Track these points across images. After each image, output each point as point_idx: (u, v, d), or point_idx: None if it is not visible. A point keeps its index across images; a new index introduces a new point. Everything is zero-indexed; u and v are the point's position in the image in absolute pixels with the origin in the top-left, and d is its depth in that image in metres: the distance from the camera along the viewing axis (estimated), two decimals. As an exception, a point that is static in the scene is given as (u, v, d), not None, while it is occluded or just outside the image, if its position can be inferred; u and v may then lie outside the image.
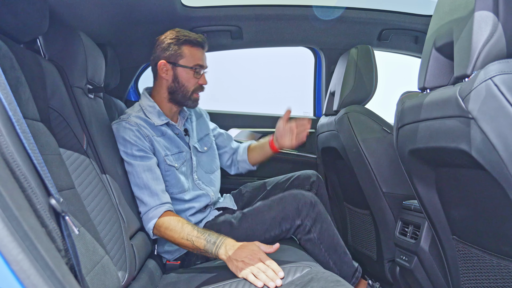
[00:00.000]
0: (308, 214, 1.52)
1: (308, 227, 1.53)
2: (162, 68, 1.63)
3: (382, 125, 1.74)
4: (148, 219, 1.47)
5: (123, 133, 1.53)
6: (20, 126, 0.58)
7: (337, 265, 1.56)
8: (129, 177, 1.53)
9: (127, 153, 1.53)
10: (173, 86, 1.64)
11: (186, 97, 1.66)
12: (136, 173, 1.51)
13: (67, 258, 0.62)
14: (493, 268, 1.06)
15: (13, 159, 0.55)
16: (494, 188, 0.90)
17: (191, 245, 1.38)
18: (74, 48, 1.33)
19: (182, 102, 1.67)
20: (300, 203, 1.53)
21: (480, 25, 0.89)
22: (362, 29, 2.25)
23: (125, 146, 1.52)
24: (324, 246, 1.55)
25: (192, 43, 1.63)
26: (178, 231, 1.41)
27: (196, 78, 1.65)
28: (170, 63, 1.63)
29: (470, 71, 0.90)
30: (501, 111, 0.81)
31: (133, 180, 1.51)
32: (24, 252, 0.48)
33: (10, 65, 0.91)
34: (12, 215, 0.49)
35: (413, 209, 1.53)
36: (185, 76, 1.64)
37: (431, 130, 1.03)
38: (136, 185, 1.51)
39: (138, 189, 1.51)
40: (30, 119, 0.97)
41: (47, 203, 0.60)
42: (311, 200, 1.55)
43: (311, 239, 1.55)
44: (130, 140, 1.52)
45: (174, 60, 1.62)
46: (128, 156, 1.52)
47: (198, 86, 1.67)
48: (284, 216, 1.53)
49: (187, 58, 1.63)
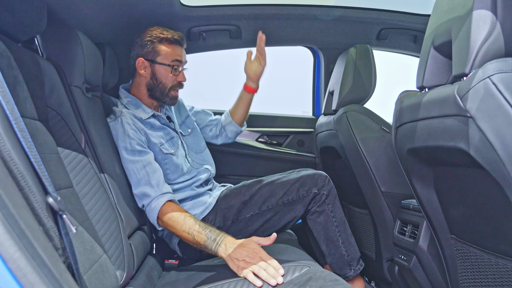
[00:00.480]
0: (324, 185, 1.63)
1: (324, 196, 1.62)
2: (141, 66, 1.66)
3: (380, 124, 1.74)
4: (151, 209, 1.48)
5: (122, 128, 1.54)
6: (17, 125, 0.57)
7: (345, 246, 1.63)
8: (129, 173, 1.52)
9: (127, 149, 1.53)
10: (151, 83, 1.68)
11: (164, 94, 1.68)
12: (137, 169, 1.51)
13: (65, 256, 0.62)
14: (492, 267, 1.06)
15: (10, 157, 0.55)
16: (492, 187, 0.90)
17: (192, 239, 1.39)
18: (72, 47, 1.33)
19: (161, 99, 1.70)
20: (316, 175, 1.64)
21: (478, 24, 0.89)
22: (361, 29, 2.25)
23: (125, 141, 1.53)
24: (336, 220, 1.64)
25: (170, 41, 1.66)
26: (180, 223, 1.41)
27: (174, 75, 1.68)
28: (148, 60, 1.66)
29: (468, 70, 0.90)
30: (499, 109, 0.81)
31: (134, 176, 1.51)
32: (21, 250, 0.48)
33: (7, 63, 0.91)
34: (9, 213, 0.49)
35: (412, 208, 1.53)
36: (162, 73, 1.66)
37: (430, 129, 1.03)
38: (137, 180, 1.51)
39: (139, 184, 1.51)
40: (28, 118, 0.97)
41: (45, 201, 0.60)
42: (326, 175, 1.67)
43: (325, 211, 1.63)
44: (130, 134, 1.54)
45: (151, 58, 1.66)
46: (128, 152, 1.53)
47: (177, 83, 1.69)
48: (303, 183, 1.62)
49: (164, 55, 1.66)
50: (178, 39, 1.68)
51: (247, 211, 1.64)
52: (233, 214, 1.64)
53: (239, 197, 1.65)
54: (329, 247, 1.61)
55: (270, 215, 1.64)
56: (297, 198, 1.62)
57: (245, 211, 1.64)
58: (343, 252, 1.61)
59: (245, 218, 1.64)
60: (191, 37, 2.14)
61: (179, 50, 1.68)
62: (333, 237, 1.62)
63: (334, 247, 1.61)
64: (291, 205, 1.62)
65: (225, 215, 1.65)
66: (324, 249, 1.62)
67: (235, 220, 1.65)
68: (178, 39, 1.67)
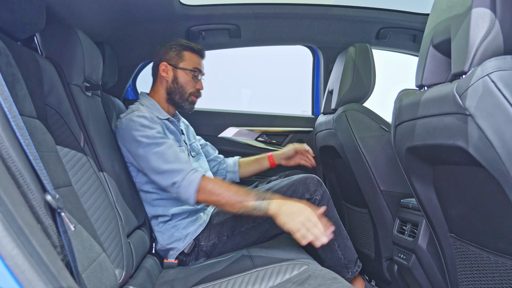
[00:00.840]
0: (316, 190, 1.61)
1: (317, 201, 1.60)
2: (164, 69, 1.74)
3: (380, 123, 1.74)
4: (189, 183, 1.47)
5: (139, 120, 1.56)
6: (15, 122, 0.57)
7: (341, 249, 1.62)
8: (152, 157, 1.51)
9: (148, 137, 1.53)
10: (172, 87, 1.75)
11: (183, 99, 1.76)
12: (162, 152, 1.52)
13: (63, 254, 0.62)
14: (491, 266, 1.06)
15: (8, 155, 0.55)
16: (492, 185, 0.90)
17: (238, 204, 1.41)
18: (72, 46, 1.33)
19: (180, 103, 1.77)
20: (308, 180, 1.62)
21: (477, 22, 0.89)
22: (360, 28, 2.25)
23: (145, 131, 1.54)
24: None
25: (193, 50, 1.77)
26: (224, 190, 1.44)
27: (194, 81, 1.76)
28: (171, 65, 1.75)
29: (467, 68, 0.90)
30: (498, 107, 0.81)
31: (159, 157, 1.51)
32: (19, 247, 0.48)
33: (6, 61, 0.91)
34: (6, 210, 0.49)
35: (411, 207, 1.53)
36: (184, 78, 1.75)
37: (429, 127, 1.03)
38: (164, 159, 1.50)
39: (168, 162, 1.50)
40: (26, 116, 0.97)
41: (43, 199, 0.60)
42: (318, 179, 1.64)
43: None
44: (148, 124, 1.56)
45: (174, 63, 1.75)
46: (149, 139, 1.53)
47: (195, 90, 1.78)
48: (295, 190, 1.60)
49: (187, 61, 1.75)
50: (201, 49, 1.79)
51: (241, 225, 1.63)
52: (228, 229, 1.63)
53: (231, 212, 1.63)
54: (325, 251, 1.60)
55: (266, 227, 1.63)
56: None
57: (240, 224, 1.63)
58: (340, 255, 1.60)
59: (241, 232, 1.63)
60: (190, 36, 2.14)
61: (200, 60, 1.80)
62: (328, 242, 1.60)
63: (330, 251, 1.60)
64: None
65: (219, 231, 1.64)
66: (320, 253, 1.62)
67: (230, 235, 1.63)
68: (200, 50, 1.79)
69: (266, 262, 1.31)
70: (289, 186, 1.61)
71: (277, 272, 1.23)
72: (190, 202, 1.50)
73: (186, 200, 1.50)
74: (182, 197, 1.50)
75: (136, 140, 1.53)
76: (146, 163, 1.53)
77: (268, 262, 1.32)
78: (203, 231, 1.64)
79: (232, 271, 1.32)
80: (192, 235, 1.62)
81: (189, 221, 1.65)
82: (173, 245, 1.63)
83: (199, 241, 1.63)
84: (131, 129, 1.54)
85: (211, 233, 1.64)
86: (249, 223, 1.62)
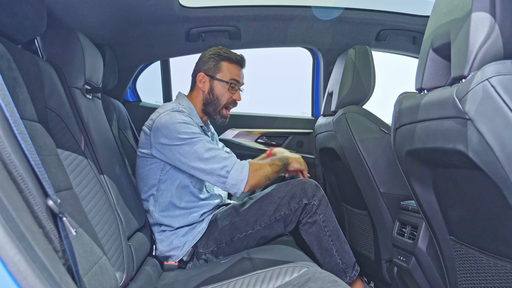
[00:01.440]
0: (314, 195, 1.62)
1: (315, 207, 1.61)
2: (201, 80, 1.75)
3: (379, 125, 1.75)
4: (241, 167, 1.56)
5: (180, 116, 1.58)
6: (17, 127, 0.57)
7: (339, 254, 1.61)
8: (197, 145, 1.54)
9: (193, 132, 1.56)
10: (208, 98, 1.75)
11: (217, 111, 1.77)
12: (204, 141, 1.56)
13: (65, 259, 0.62)
14: (490, 269, 1.06)
15: (10, 160, 0.55)
16: (491, 189, 0.91)
17: (276, 167, 1.65)
18: (72, 49, 1.33)
19: (213, 115, 1.78)
20: (306, 184, 1.63)
21: (477, 26, 0.89)
22: (360, 30, 2.25)
23: (189, 127, 1.56)
24: (328, 230, 1.62)
25: (231, 60, 1.76)
26: (265, 164, 1.63)
27: (230, 92, 1.76)
28: (208, 75, 1.74)
29: (467, 72, 0.90)
30: (497, 112, 0.81)
31: (204, 146, 1.55)
32: (21, 253, 0.48)
33: (7, 65, 0.91)
34: (9, 216, 0.49)
35: (411, 209, 1.54)
36: (220, 89, 1.75)
37: (428, 130, 1.04)
38: (209, 148, 1.55)
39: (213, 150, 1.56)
40: (27, 120, 0.97)
41: (44, 204, 0.60)
42: (316, 184, 1.66)
43: (316, 221, 1.62)
44: (190, 121, 1.58)
45: (212, 73, 1.74)
46: (189, 134, 1.55)
47: (231, 101, 1.78)
48: (293, 195, 1.61)
49: (224, 72, 1.75)
50: (240, 59, 1.78)
51: (240, 232, 1.63)
52: (226, 236, 1.63)
53: (229, 219, 1.64)
54: (323, 256, 1.61)
55: (265, 232, 1.64)
56: (289, 212, 1.61)
57: (238, 231, 1.63)
58: (338, 260, 1.60)
59: (240, 239, 1.63)
60: (190, 38, 2.14)
61: (238, 71, 1.78)
62: (326, 247, 1.60)
63: (328, 256, 1.60)
64: (284, 219, 1.62)
65: (217, 238, 1.63)
66: (318, 257, 1.62)
67: (229, 242, 1.63)
68: (239, 60, 1.77)
69: (266, 265, 1.32)
70: (287, 191, 1.61)
71: (277, 274, 1.23)
72: (240, 186, 1.55)
73: (236, 185, 1.54)
74: (233, 181, 1.54)
75: (179, 135, 1.54)
76: (190, 152, 1.54)
77: (268, 264, 1.32)
78: (201, 238, 1.64)
79: (232, 273, 1.32)
80: (190, 242, 1.62)
81: (189, 229, 1.64)
82: (171, 253, 1.63)
83: (197, 248, 1.63)
84: (173, 124, 1.55)
85: (209, 240, 1.64)
86: (247, 230, 1.62)
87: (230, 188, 1.55)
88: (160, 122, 1.57)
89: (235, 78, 1.75)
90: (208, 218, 1.69)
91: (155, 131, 1.57)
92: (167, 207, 1.65)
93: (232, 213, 1.65)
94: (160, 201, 1.65)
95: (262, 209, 1.62)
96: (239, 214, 1.64)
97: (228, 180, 1.53)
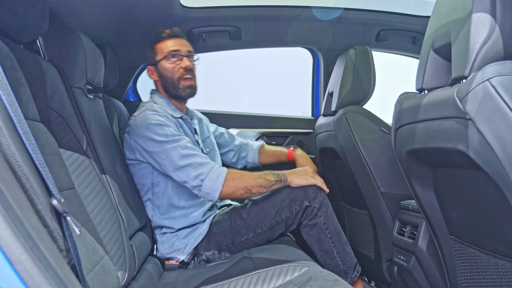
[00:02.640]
0: (315, 197, 1.60)
1: (316, 209, 1.60)
2: (150, 73, 1.75)
3: (380, 125, 1.75)
4: (216, 175, 1.50)
5: (154, 117, 1.55)
6: (21, 127, 0.58)
7: (340, 255, 1.60)
8: (170, 154, 1.50)
9: (167, 134, 1.53)
10: (163, 83, 1.73)
11: (176, 87, 1.71)
12: (181, 146, 1.52)
13: (69, 258, 0.63)
14: (490, 268, 1.07)
15: (15, 159, 0.56)
16: (491, 189, 0.91)
17: (264, 181, 1.56)
18: (74, 49, 1.33)
19: (177, 94, 1.72)
20: (307, 186, 1.61)
21: (477, 27, 0.89)
22: (360, 30, 2.26)
23: (163, 129, 1.53)
24: (329, 232, 1.61)
25: (162, 38, 1.72)
26: (249, 175, 1.55)
27: (174, 64, 1.71)
28: (152, 64, 1.74)
29: (467, 73, 0.91)
30: (498, 112, 0.81)
31: (179, 153, 1.50)
32: (27, 252, 0.48)
33: (10, 66, 0.91)
34: (14, 215, 0.50)
35: (411, 209, 1.54)
36: (164, 67, 1.71)
37: (429, 130, 1.04)
38: (184, 156, 1.50)
39: (188, 157, 1.51)
40: (30, 119, 0.97)
41: (49, 203, 0.60)
42: (317, 185, 1.63)
43: (317, 224, 1.60)
44: (166, 122, 1.56)
45: (153, 61, 1.73)
46: (168, 136, 1.53)
47: (183, 71, 1.71)
48: (294, 198, 1.59)
49: (160, 52, 1.72)
50: (171, 33, 1.72)
51: (241, 235, 1.62)
52: (228, 239, 1.63)
53: (230, 222, 1.63)
54: (323, 257, 1.60)
55: (266, 235, 1.63)
56: (290, 215, 1.60)
57: (239, 235, 1.62)
58: (339, 262, 1.59)
59: (241, 242, 1.62)
60: (191, 38, 2.14)
61: (172, 42, 1.71)
62: (327, 249, 1.60)
63: (329, 258, 1.59)
64: (286, 222, 1.61)
65: (218, 241, 1.63)
66: (319, 259, 1.62)
67: (230, 244, 1.63)
68: (170, 34, 1.72)
69: (267, 264, 1.32)
70: (288, 193, 1.60)
71: (278, 274, 1.24)
72: (214, 195, 1.50)
73: (209, 194, 1.50)
74: (207, 189, 1.49)
75: (153, 138, 1.52)
76: (165, 159, 1.51)
77: (269, 264, 1.32)
78: (202, 240, 1.63)
79: (233, 273, 1.33)
80: (191, 244, 1.62)
81: (190, 231, 1.64)
82: (173, 255, 1.63)
83: (198, 249, 1.63)
84: (147, 127, 1.53)
85: (210, 242, 1.63)
86: (248, 233, 1.61)
87: (204, 196, 1.53)
88: (136, 125, 1.56)
89: (171, 49, 1.70)
90: (209, 220, 1.68)
91: (133, 135, 1.57)
92: (167, 209, 1.64)
93: (233, 216, 1.64)
94: (158, 204, 1.65)
95: (263, 212, 1.61)
96: (240, 217, 1.62)
97: (202, 188, 1.50)
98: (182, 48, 1.72)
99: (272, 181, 1.56)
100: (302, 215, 1.61)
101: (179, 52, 1.71)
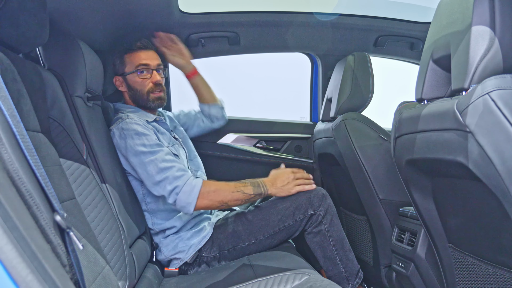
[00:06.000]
0: (320, 205, 1.59)
1: (320, 217, 1.59)
2: (117, 83, 1.74)
3: (379, 132, 1.76)
4: (190, 189, 1.49)
5: (133, 128, 1.54)
6: (23, 141, 0.58)
7: (343, 262, 1.61)
8: (149, 166, 1.50)
9: (145, 145, 1.52)
10: (131, 95, 1.74)
11: (145, 99, 1.72)
12: (158, 160, 1.51)
13: (72, 273, 0.63)
14: (489, 277, 1.08)
15: (18, 176, 0.56)
16: (490, 199, 0.92)
17: (242, 195, 1.54)
18: (74, 57, 1.33)
19: (146, 105, 1.73)
20: (312, 194, 1.61)
21: (477, 40, 0.90)
22: (358, 36, 2.27)
23: (141, 139, 1.53)
24: (333, 240, 1.61)
25: (131, 50, 1.72)
26: (226, 188, 1.53)
27: (145, 78, 1.71)
28: (120, 75, 1.73)
29: (467, 85, 0.92)
30: (497, 125, 0.82)
31: (156, 167, 1.50)
32: (33, 273, 0.48)
33: (12, 77, 0.91)
34: (20, 235, 0.50)
35: (410, 216, 1.55)
36: (134, 80, 1.71)
37: (429, 141, 1.05)
38: (161, 169, 1.50)
39: (165, 171, 1.50)
40: (31, 130, 0.97)
41: (52, 219, 0.60)
42: (323, 193, 1.62)
43: (321, 231, 1.60)
44: (144, 131, 1.55)
45: (121, 71, 1.72)
46: (147, 147, 1.52)
47: (152, 85, 1.71)
48: (298, 206, 1.59)
49: (129, 64, 1.72)
50: (140, 45, 1.72)
51: (243, 241, 1.62)
52: (229, 244, 1.63)
53: (232, 227, 1.63)
54: (326, 264, 1.60)
55: (268, 242, 1.63)
56: (293, 223, 1.59)
57: (241, 241, 1.62)
58: (341, 269, 1.60)
59: (243, 248, 1.62)
60: (190, 44, 2.14)
61: (143, 55, 1.72)
62: (330, 256, 1.60)
63: (331, 264, 1.60)
64: (288, 230, 1.61)
65: (221, 244, 1.63)
66: (322, 264, 1.62)
67: (231, 249, 1.63)
68: (140, 46, 1.72)
69: (267, 272, 1.32)
70: (292, 201, 1.59)
71: (278, 282, 1.24)
72: (189, 208, 1.49)
73: (185, 207, 1.49)
74: (182, 203, 1.49)
75: (132, 149, 1.52)
76: (143, 173, 1.52)
77: (269, 271, 1.33)
78: (206, 243, 1.63)
79: (233, 280, 1.33)
80: (196, 246, 1.62)
81: (194, 232, 1.64)
82: (176, 256, 1.62)
83: (201, 251, 1.63)
84: (125, 138, 1.53)
85: (213, 245, 1.64)
86: (250, 239, 1.62)
87: (180, 209, 1.53)
88: (115, 139, 1.57)
89: (141, 63, 1.69)
90: (212, 223, 1.69)
91: (116, 147, 1.58)
92: (165, 216, 1.65)
93: (235, 221, 1.64)
94: (154, 212, 1.65)
95: (266, 219, 1.61)
96: (242, 223, 1.63)
97: (177, 202, 1.50)
98: (152, 62, 1.72)
99: (251, 194, 1.55)
100: (306, 223, 1.61)
101: (149, 66, 1.71)
